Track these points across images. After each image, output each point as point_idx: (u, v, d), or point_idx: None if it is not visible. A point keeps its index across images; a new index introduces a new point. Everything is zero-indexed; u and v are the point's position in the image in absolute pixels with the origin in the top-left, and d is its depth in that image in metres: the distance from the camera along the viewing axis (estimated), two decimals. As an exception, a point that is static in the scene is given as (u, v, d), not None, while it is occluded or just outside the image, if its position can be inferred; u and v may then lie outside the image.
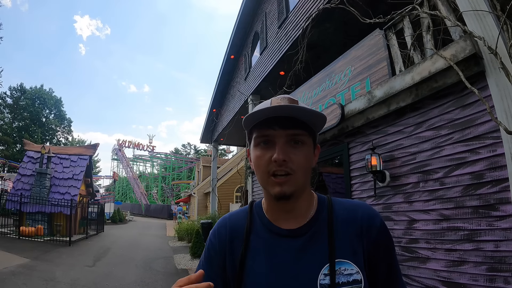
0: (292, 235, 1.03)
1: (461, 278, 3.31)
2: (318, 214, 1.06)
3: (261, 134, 1.00)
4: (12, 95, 50.78)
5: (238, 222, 1.16)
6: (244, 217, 1.16)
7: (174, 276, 9.44)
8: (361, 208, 1.07)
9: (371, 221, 1.03)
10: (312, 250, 1.00)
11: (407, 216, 4.01)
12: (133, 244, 16.76)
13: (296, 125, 0.98)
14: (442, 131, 3.70)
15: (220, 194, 21.95)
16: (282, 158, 0.95)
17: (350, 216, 1.04)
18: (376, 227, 1.03)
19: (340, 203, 1.10)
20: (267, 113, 0.97)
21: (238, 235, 1.12)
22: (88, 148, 20.78)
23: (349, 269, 0.96)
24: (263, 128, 0.99)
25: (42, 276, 8.36)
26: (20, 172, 17.40)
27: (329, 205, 1.08)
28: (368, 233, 1.01)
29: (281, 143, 0.97)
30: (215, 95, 16.84)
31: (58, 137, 56.50)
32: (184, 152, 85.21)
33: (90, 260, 11.30)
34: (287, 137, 0.97)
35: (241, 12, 12.63)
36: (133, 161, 69.46)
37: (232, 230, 1.15)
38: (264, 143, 1.00)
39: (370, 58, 5.12)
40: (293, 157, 0.96)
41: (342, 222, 1.03)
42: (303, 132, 0.99)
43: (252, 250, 1.06)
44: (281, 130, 0.97)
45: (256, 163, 1.02)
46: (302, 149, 0.99)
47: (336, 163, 5.92)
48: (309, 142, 1.01)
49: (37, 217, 15.63)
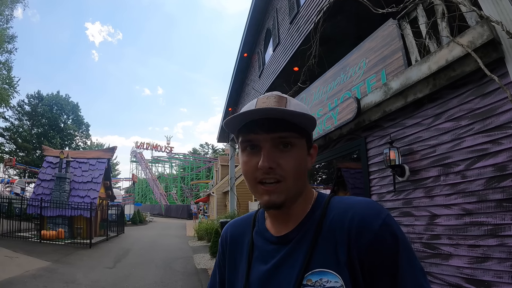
0: (281, 241, 0.96)
1: (485, 275, 3.16)
2: (310, 216, 0.96)
3: (245, 139, 0.93)
4: (30, 103, 51.91)
5: (239, 229, 1.13)
6: (247, 224, 1.12)
7: (193, 276, 9.46)
8: (356, 208, 0.89)
9: (364, 223, 0.84)
10: (292, 259, 0.91)
11: (428, 211, 3.86)
12: (153, 244, 16.90)
13: (281, 127, 0.89)
14: (462, 121, 3.54)
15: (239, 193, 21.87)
16: (268, 166, 0.87)
17: (340, 217, 0.89)
18: (372, 231, 0.83)
19: (339, 201, 0.95)
20: (244, 118, 0.91)
21: (238, 243, 1.09)
22: (106, 151, 21.03)
23: (333, 281, 0.83)
24: (245, 132, 0.92)
25: (63, 278, 8.47)
26: (40, 177, 17.74)
27: (325, 205, 0.95)
28: (359, 238, 0.83)
29: (267, 148, 0.89)
30: (230, 94, 16.81)
31: (76, 142, 57.52)
32: (202, 152, 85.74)
33: (111, 262, 11.42)
34: (273, 141, 0.89)
35: (252, 9, 12.57)
36: (152, 163, 70.12)
37: (233, 237, 1.12)
38: (251, 148, 0.92)
39: (385, 49, 4.98)
40: (282, 162, 0.88)
41: (330, 225, 0.90)
42: (291, 134, 0.90)
43: (254, 259, 1.00)
44: (264, 134, 0.89)
45: (243, 170, 0.94)
46: (292, 153, 0.90)
47: (354, 158, 5.80)
48: (300, 144, 0.93)
49: (57, 220, 15.90)
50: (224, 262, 1.12)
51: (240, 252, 1.06)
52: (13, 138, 47.84)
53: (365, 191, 5.08)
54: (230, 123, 0.93)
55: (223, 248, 1.15)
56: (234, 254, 1.09)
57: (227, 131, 12.82)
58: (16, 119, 50.17)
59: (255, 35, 13.76)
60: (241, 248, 1.07)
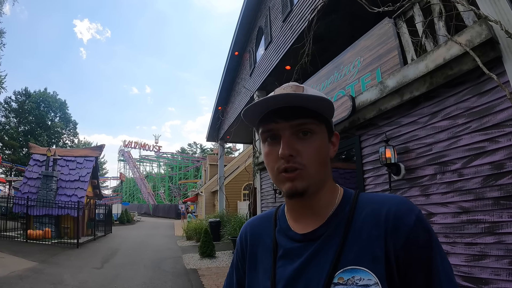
0: (307, 239, 0.92)
1: (482, 273, 3.17)
2: (338, 212, 0.92)
3: (265, 129, 0.92)
4: (17, 100, 50.97)
5: (259, 228, 1.09)
6: (267, 222, 1.08)
7: (183, 277, 9.38)
8: (389, 203, 0.87)
9: (400, 219, 0.83)
10: (321, 257, 0.88)
11: (424, 209, 3.86)
12: (141, 244, 16.74)
13: (299, 114, 0.88)
14: (458, 120, 3.55)
15: (228, 192, 21.88)
16: (288, 153, 0.86)
17: (374, 213, 0.87)
18: (408, 226, 0.82)
19: (369, 198, 0.93)
20: (264, 105, 0.89)
21: (259, 242, 1.05)
22: (93, 149, 20.77)
23: (366, 279, 0.80)
24: (265, 122, 0.91)
25: (50, 279, 8.32)
26: (26, 176, 17.44)
27: (354, 201, 0.93)
28: (396, 233, 0.82)
29: (286, 136, 0.88)
30: (220, 93, 16.77)
31: (64, 140, 56.68)
32: (190, 152, 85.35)
33: (98, 262, 11.27)
34: (292, 129, 0.88)
35: (244, 7, 12.55)
36: (140, 162, 69.77)
37: (253, 237, 1.08)
38: (271, 138, 0.91)
39: (380, 48, 4.98)
40: (302, 149, 0.87)
41: (364, 221, 0.87)
42: (310, 121, 0.89)
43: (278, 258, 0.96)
44: (284, 122, 0.89)
45: (266, 161, 0.94)
46: (312, 140, 0.89)
47: (346, 157, 5.80)
48: (320, 131, 0.91)
49: (44, 220, 15.65)
50: (243, 263, 1.09)
51: (262, 252, 1.02)
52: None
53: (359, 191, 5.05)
54: (250, 113, 0.92)
55: (243, 248, 1.11)
56: (255, 255, 1.05)
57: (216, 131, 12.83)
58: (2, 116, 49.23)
59: (247, 34, 13.74)
60: (263, 248, 1.03)
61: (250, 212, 13.21)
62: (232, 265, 1.16)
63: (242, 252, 1.10)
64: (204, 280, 8.67)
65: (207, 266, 10.57)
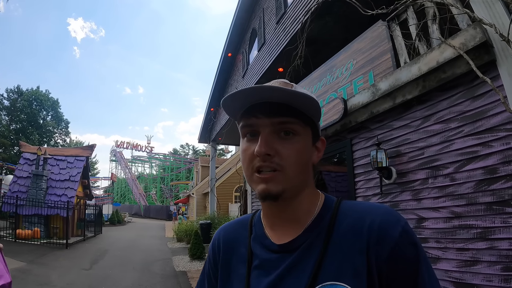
0: (284, 250, 0.86)
1: (474, 279, 3.13)
2: (318, 220, 0.86)
3: (245, 124, 0.86)
4: (9, 97, 50.65)
5: (233, 234, 1.02)
6: (242, 229, 1.01)
7: (172, 279, 9.31)
8: (374, 213, 0.81)
9: (385, 230, 0.77)
10: (299, 270, 0.81)
11: (415, 214, 3.82)
12: (131, 245, 16.62)
13: (283, 112, 0.82)
14: (451, 124, 3.52)
15: (219, 194, 21.82)
16: (265, 152, 0.79)
17: (356, 223, 0.81)
18: (392, 238, 0.76)
19: (351, 206, 0.87)
20: (246, 96, 0.83)
21: (233, 250, 0.98)
22: (84, 149, 20.64)
23: None
24: (246, 116, 0.86)
25: (37, 280, 8.22)
26: (16, 174, 17.33)
27: (335, 209, 0.86)
28: (379, 245, 0.76)
29: (266, 133, 0.82)
30: (212, 94, 16.70)
31: (55, 139, 56.27)
32: (182, 153, 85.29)
33: (87, 263, 11.15)
34: (273, 126, 0.82)
35: (238, 9, 12.50)
36: (132, 162, 69.49)
37: (226, 244, 1.01)
38: (251, 135, 0.85)
39: (373, 51, 4.95)
40: (282, 150, 0.81)
41: (345, 232, 0.81)
42: (294, 120, 0.83)
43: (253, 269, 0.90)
44: (265, 118, 0.82)
45: (241, 158, 0.87)
46: (294, 141, 0.83)
47: (338, 160, 5.76)
48: (304, 133, 0.85)
49: (33, 219, 15.49)
50: (215, 271, 1.01)
51: (236, 261, 0.95)
52: (-10, 133, 46.75)
53: (350, 194, 5.02)
54: (229, 102, 0.86)
55: (215, 256, 1.03)
56: (228, 263, 0.97)
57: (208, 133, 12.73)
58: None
59: (241, 35, 13.69)
60: (237, 256, 0.96)
61: (240, 214, 13.14)
62: (204, 273, 1.08)
63: (215, 259, 1.03)
64: (193, 282, 8.60)
65: (197, 269, 10.50)
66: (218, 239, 1.04)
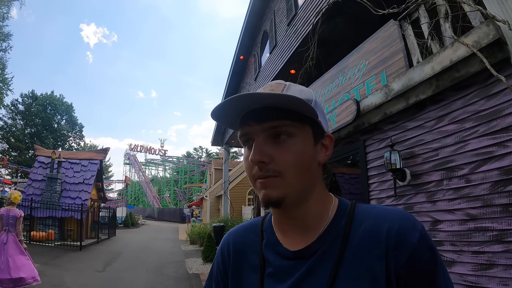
0: (298, 256, 0.83)
1: (490, 283, 3.05)
2: (333, 226, 0.83)
3: (241, 133, 0.85)
4: (24, 102, 51.65)
5: (243, 239, 0.99)
6: (252, 233, 0.98)
7: (185, 281, 9.31)
8: (391, 218, 0.79)
9: (403, 235, 0.75)
10: (315, 277, 0.79)
11: (430, 216, 3.75)
12: (144, 248, 16.71)
13: (273, 115, 0.79)
14: (466, 124, 3.44)
15: (233, 197, 21.83)
16: (258, 159, 0.77)
17: (373, 229, 0.79)
18: (411, 244, 0.74)
19: (367, 210, 0.84)
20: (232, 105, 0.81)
21: (243, 256, 0.95)
22: (98, 152, 20.83)
23: None
24: (241, 125, 0.84)
25: (51, 281, 8.27)
26: (31, 177, 17.56)
27: (350, 214, 0.84)
28: (397, 252, 0.74)
29: (259, 140, 0.80)
30: (225, 97, 16.68)
31: (70, 143, 57.16)
32: (196, 156, 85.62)
33: (100, 265, 11.24)
34: (266, 132, 0.80)
35: (249, 11, 12.52)
36: (145, 165, 69.96)
37: (236, 249, 0.97)
38: (248, 143, 0.84)
39: (385, 51, 4.88)
40: (275, 155, 0.78)
41: (362, 237, 0.79)
42: (286, 123, 0.79)
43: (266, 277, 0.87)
44: (256, 125, 0.80)
45: (244, 167, 0.85)
46: (290, 144, 0.79)
47: (351, 162, 5.70)
48: (301, 133, 0.81)
49: (48, 222, 15.66)
50: (224, 278, 0.98)
51: (247, 268, 0.92)
52: (5, 137, 47.59)
53: (363, 196, 4.95)
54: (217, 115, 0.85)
55: (225, 262, 0.99)
56: (238, 269, 0.94)
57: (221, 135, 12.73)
58: (9, 118, 49.91)
59: (252, 38, 13.70)
60: (247, 263, 0.93)
61: (254, 217, 13.11)
62: (211, 279, 1.05)
63: (224, 266, 0.99)
64: (206, 285, 8.56)
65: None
66: (228, 244, 1.01)
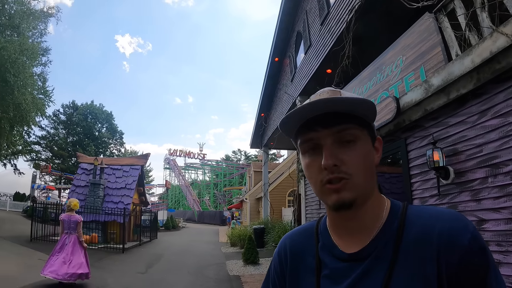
0: (353, 259, 0.85)
1: (541, 284, 2.91)
2: (386, 228, 0.84)
3: (304, 139, 0.86)
4: (65, 112, 53.70)
5: (299, 243, 1.01)
6: (307, 237, 0.99)
7: (226, 283, 9.36)
8: (442, 219, 0.79)
9: (455, 237, 0.75)
10: (370, 279, 0.80)
11: (475, 216, 3.60)
12: (185, 250, 16.97)
13: (340, 120, 0.82)
14: (510, 118, 3.28)
15: (272, 199, 21.83)
16: (332, 163, 0.80)
17: (425, 230, 0.79)
18: (462, 245, 0.74)
19: (419, 212, 0.85)
20: (300, 114, 0.84)
21: (300, 259, 0.97)
22: (139, 158, 21.36)
23: None
24: (305, 131, 0.86)
25: (94, 283, 8.55)
26: (74, 184, 18.25)
27: (402, 216, 0.84)
28: (449, 253, 0.74)
29: (328, 144, 0.82)
30: (262, 100, 16.78)
31: (111, 149, 58.69)
32: (234, 159, 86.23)
33: (143, 267, 11.50)
34: (334, 136, 0.82)
35: (281, 13, 12.53)
36: (185, 169, 70.92)
37: (293, 252, 1.00)
38: (312, 149, 0.86)
39: (422, 45, 4.75)
40: (346, 158, 0.81)
41: (415, 239, 0.79)
42: (352, 126, 0.83)
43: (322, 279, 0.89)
44: (324, 130, 0.83)
45: (307, 174, 0.88)
46: (356, 147, 0.83)
47: (391, 161, 5.57)
48: (363, 137, 0.85)
49: (91, 225, 16.19)
50: (282, 280, 1.01)
51: (304, 270, 0.95)
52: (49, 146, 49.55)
53: (405, 196, 4.83)
54: (287, 123, 0.87)
55: (282, 264, 1.02)
56: (296, 272, 0.97)
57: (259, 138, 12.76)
58: (52, 128, 51.96)
59: (286, 39, 13.68)
60: (304, 265, 0.95)
61: (294, 218, 13.04)
62: (268, 281, 1.08)
63: (282, 268, 1.02)
64: (247, 287, 8.60)
65: (250, 273, 10.51)
66: (285, 247, 1.04)
